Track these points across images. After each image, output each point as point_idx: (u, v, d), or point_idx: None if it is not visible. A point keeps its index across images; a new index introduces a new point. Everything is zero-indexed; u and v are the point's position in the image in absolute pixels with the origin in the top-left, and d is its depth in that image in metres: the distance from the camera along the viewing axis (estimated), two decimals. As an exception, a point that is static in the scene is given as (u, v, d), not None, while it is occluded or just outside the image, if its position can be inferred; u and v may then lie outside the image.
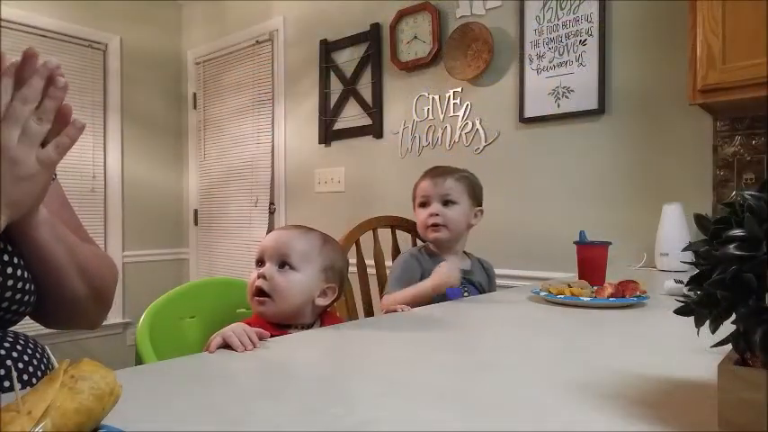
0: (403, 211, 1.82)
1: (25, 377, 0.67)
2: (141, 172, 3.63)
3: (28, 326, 0.76)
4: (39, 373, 0.69)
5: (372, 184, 2.71)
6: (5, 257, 0.66)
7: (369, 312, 1.64)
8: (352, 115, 2.82)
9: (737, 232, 0.40)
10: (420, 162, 2.46)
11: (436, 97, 2.46)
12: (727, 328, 0.43)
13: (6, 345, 0.67)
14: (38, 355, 0.71)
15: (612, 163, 1.99)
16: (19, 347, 0.68)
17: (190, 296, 1.18)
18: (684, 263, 0.56)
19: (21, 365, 0.67)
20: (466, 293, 1.42)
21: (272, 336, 0.98)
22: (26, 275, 0.69)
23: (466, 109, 2.37)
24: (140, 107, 3.62)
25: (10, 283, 0.66)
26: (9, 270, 0.66)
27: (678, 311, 0.46)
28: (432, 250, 1.50)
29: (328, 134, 2.91)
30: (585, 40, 2.02)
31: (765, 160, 1.67)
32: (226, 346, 0.75)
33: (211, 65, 3.66)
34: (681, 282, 1.16)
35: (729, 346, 0.44)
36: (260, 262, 1.07)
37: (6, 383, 0.64)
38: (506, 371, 0.64)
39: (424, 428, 0.46)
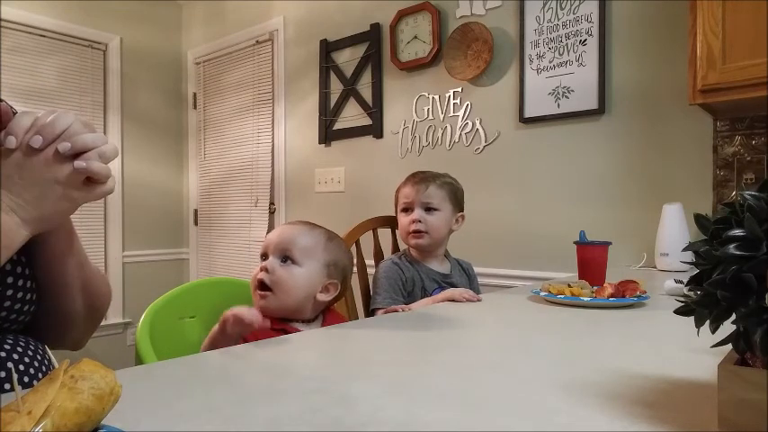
0: (403, 211, 1.82)
1: (26, 379, 0.67)
2: (141, 172, 3.63)
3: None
4: (40, 375, 0.69)
5: (372, 184, 2.71)
6: (8, 266, 0.66)
7: (369, 312, 1.64)
8: (352, 115, 2.82)
9: (737, 232, 0.40)
10: (420, 162, 2.46)
11: (436, 97, 2.46)
12: (728, 328, 0.43)
13: (7, 347, 0.67)
14: (39, 357, 0.71)
15: (612, 163, 1.99)
16: (20, 349, 0.68)
17: (190, 296, 1.18)
18: (684, 263, 0.57)
19: (22, 367, 0.67)
20: None
21: (272, 329, 0.99)
22: (29, 285, 0.69)
23: (466, 109, 2.37)
24: (140, 107, 3.62)
25: (9, 292, 0.66)
26: (9, 279, 0.66)
27: (678, 311, 0.46)
28: (413, 256, 1.51)
29: (328, 134, 2.91)
30: (585, 40, 2.02)
31: (765, 160, 1.67)
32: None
33: (211, 65, 3.66)
34: (681, 282, 1.16)
35: (729, 346, 0.44)
36: (264, 256, 1.08)
37: (8, 386, 0.64)
38: (506, 371, 0.64)
39: (424, 428, 0.46)
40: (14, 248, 0.58)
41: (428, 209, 1.47)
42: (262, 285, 1.04)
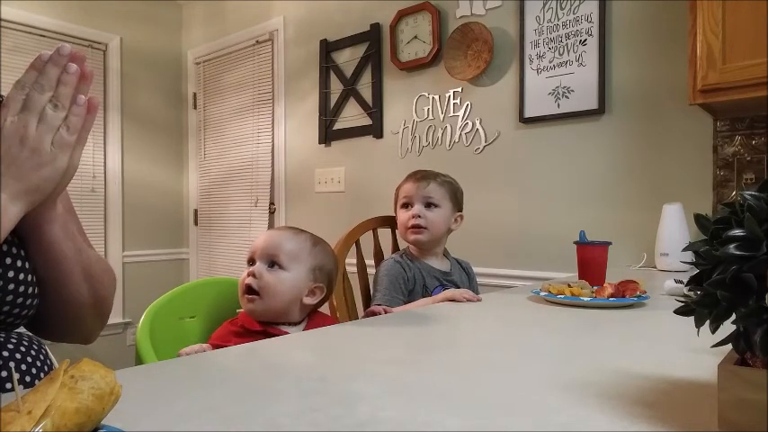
0: (403, 211, 1.82)
1: (28, 379, 0.67)
2: (141, 172, 3.63)
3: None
4: (41, 375, 0.69)
5: (372, 184, 2.71)
6: (8, 260, 0.66)
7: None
8: (352, 115, 2.82)
9: (737, 232, 0.40)
10: (420, 162, 2.46)
11: (436, 97, 2.46)
12: (728, 328, 0.43)
13: (10, 346, 0.67)
14: (41, 357, 0.71)
15: (612, 163, 1.99)
16: (23, 348, 0.68)
17: (190, 296, 1.18)
18: (684, 263, 0.57)
19: (24, 367, 0.67)
20: None
21: (258, 332, 1.01)
22: (29, 278, 0.68)
23: (466, 109, 2.37)
24: (140, 107, 3.62)
25: (11, 286, 0.66)
26: (11, 273, 0.66)
27: (678, 311, 0.46)
28: (412, 254, 1.51)
29: (328, 134, 2.91)
30: (585, 40, 2.02)
31: (765, 160, 1.67)
32: None
33: (211, 65, 3.66)
34: (681, 282, 1.16)
35: (729, 346, 0.44)
36: (251, 261, 1.10)
37: (9, 385, 0.64)
38: (506, 371, 0.64)
39: (424, 428, 0.46)
40: (8, 227, 0.57)
41: (428, 204, 1.47)
42: (249, 290, 1.05)
